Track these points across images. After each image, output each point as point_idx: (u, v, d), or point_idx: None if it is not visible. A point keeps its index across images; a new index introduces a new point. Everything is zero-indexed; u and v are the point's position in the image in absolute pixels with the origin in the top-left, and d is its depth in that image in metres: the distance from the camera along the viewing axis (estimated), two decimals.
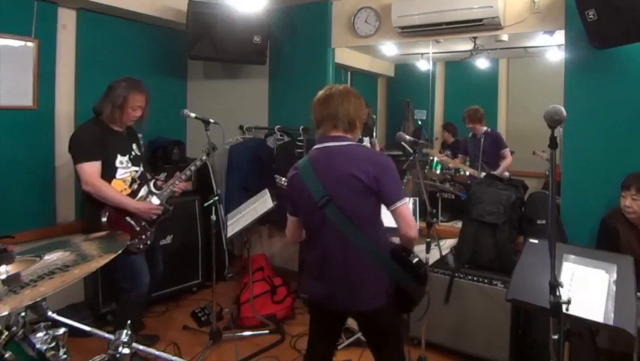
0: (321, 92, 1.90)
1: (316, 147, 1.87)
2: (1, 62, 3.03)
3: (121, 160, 2.66)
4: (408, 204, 1.83)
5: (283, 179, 3.13)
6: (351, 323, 2.70)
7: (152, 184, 2.80)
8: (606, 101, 2.77)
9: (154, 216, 2.74)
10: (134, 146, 2.79)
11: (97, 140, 2.57)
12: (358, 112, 1.87)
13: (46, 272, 1.20)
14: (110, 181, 2.60)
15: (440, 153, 4.13)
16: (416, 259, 1.83)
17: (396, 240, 1.89)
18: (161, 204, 2.76)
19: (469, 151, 3.90)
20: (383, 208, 1.83)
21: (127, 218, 2.65)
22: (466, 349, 2.78)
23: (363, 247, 1.76)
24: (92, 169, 2.53)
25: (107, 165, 2.59)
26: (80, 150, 2.56)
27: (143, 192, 2.75)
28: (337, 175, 1.75)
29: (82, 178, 2.54)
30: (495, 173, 3.42)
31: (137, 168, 2.75)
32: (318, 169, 1.79)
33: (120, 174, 2.65)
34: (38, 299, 1.16)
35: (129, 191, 2.69)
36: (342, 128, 1.83)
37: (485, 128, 3.81)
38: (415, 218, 2.84)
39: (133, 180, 2.72)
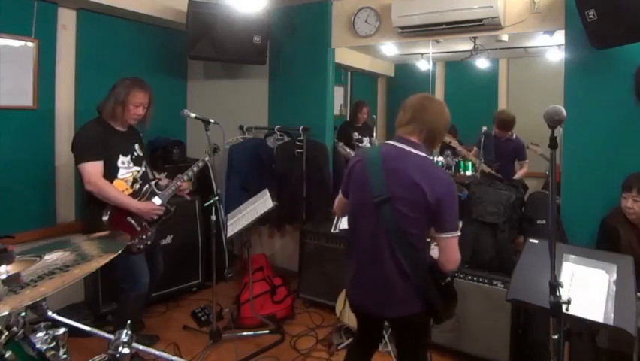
0: (420, 97, 1.90)
1: (391, 143, 1.86)
2: (1, 62, 3.03)
3: (123, 160, 2.67)
4: (457, 238, 1.78)
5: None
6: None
7: (154, 184, 2.80)
8: (606, 101, 2.77)
9: (155, 217, 2.75)
10: (137, 146, 2.79)
11: (99, 140, 2.58)
12: (444, 128, 1.88)
13: (46, 272, 1.21)
14: (111, 181, 2.60)
15: (441, 153, 4.11)
16: (446, 281, 1.82)
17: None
18: (162, 205, 2.76)
19: (485, 150, 3.79)
20: None
21: (128, 218, 2.65)
22: (466, 349, 2.78)
23: (406, 253, 1.75)
24: (94, 169, 2.54)
25: (108, 165, 2.60)
26: (82, 150, 2.57)
27: (144, 192, 2.75)
28: (404, 180, 1.73)
29: (84, 178, 2.55)
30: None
31: (139, 168, 2.76)
32: (388, 166, 1.77)
33: (122, 174, 2.66)
34: (38, 299, 1.16)
35: (131, 191, 2.70)
36: (424, 138, 1.83)
37: (510, 133, 3.74)
38: None
39: (135, 180, 2.73)
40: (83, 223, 3.33)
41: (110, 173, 2.61)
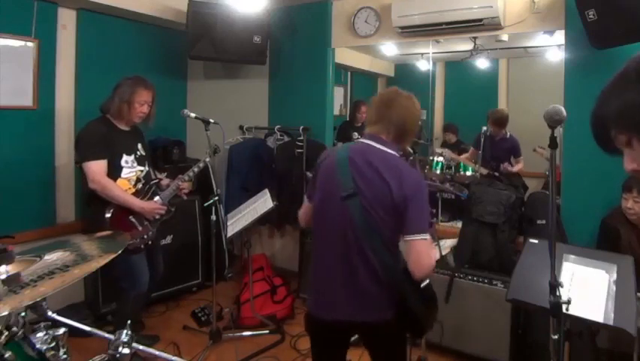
0: (386, 93, 1.84)
1: (362, 140, 1.79)
2: (1, 62, 3.03)
3: (126, 160, 2.68)
4: (429, 242, 1.65)
5: None
6: None
7: (155, 184, 2.81)
8: None
9: (157, 216, 2.76)
10: (140, 145, 2.80)
11: (103, 138, 2.60)
12: (414, 123, 1.79)
13: (46, 272, 1.20)
14: (115, 180, 2.62)
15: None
16: (425, 283, 1.70)
17: None
18: (164, 204, 2.78)
19: (485, 151, 3.79)
20: None
21: (130, 217, 2.66)
22: (466, 349, 2.78)
23: (377, 252, 1.64)
24: (98, 167, 2.56)
25: (112, 164, 2.62)
26: (86, 149, 2.58)
27: (147, 191, 2.76)
28: (371, 176, 1.65)
29: (88, 176, 2.56)
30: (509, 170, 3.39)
31: (142, 168, 2.77)
32: (355, 161, 1.69)
33: (125, 173, 2.67)
34: (38, 299, 1.16)
35: (133, 190, 2.71)
36: (393, 136, 1.74)
37: (504, 132, 3.74)
38: None
39: (138, 180, 2.74)
40: (83, 223, 3.33)
41: (114, 172, 2.63)
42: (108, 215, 2.59)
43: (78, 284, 3.36)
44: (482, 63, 4.15)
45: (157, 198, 2.77)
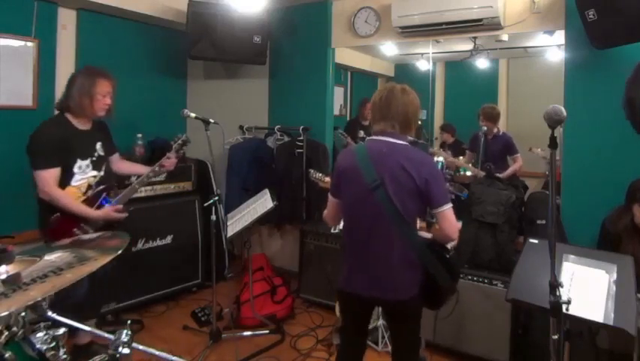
0: (382, 92, 1.98)
1: (373, 138, 1.96)
2: (1, 62, 3.03)
3: (80, 165, 2.46)
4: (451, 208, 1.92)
5: (318, 174, 3.17)
6: None
7: (103, 191, 2.60)
8: (606, 101, 2.77)
9: (120, 219, 2.55)
10: (98, 145, 2.57)
11: (58, 143, 2.37)
12: (416, 112, 1.98)
13: (46, 272, 1.20)
14: (64, 188, 2.41)
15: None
16: (450, 254, 1.94)
17: (427, 235, 2.00)
18: (122, 209, 2.56)
19: (478, 150, 3.79)
20: None
21: (75, 229, 2.43)
22: (466, 349, 2.78)
23: (406, 235, 1.85)
24: (50, 176, 2.35)
25: (64, 170, 2.41)
26: (38, 156, 2.36)
27: (96, 199, 2.54)
28: (391, 166, 1.84)
29: (39, 185, 2.36)
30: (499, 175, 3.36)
31: (95, 173, 2.53)
32: (374, 156, 1.88)
33: (76, 180, 2.44)
34: (39, 299, 1.16)
35: (83, 198, 2.49)
36: (400, 128, 1.93)
37: (497, 129, 3.71)
38: None
39: (89, 187, 2.51)
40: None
41: (65, 179, 2.41)
42: (54, 218, 2.39)
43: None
44: (482, 63, 4.14)
45: (107, 205, 2.53)
